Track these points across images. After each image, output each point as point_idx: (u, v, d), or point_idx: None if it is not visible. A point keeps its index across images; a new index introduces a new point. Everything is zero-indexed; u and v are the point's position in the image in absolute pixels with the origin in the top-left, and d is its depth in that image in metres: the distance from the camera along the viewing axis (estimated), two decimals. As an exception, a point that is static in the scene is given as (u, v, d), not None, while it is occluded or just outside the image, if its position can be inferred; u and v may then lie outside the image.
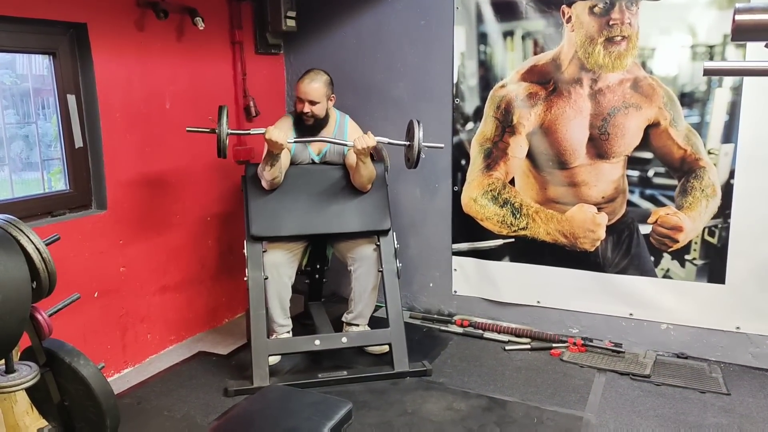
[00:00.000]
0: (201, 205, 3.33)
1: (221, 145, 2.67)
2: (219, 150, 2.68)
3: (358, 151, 2.82)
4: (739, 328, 2.95)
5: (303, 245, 3.07)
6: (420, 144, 2.79)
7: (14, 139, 2.70)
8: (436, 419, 2.53)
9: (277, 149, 2.75)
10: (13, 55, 2.63)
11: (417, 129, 2.79)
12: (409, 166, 2.94)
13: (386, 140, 2.90)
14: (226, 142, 2.66)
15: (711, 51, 2.81)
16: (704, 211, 2.92)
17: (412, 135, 2.84)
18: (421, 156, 2.82)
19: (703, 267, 2.97)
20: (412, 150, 2.85)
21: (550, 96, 3.11)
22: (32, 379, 1.83)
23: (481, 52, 3.26)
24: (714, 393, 2.72)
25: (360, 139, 2.81)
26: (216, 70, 3.36)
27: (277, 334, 2.97)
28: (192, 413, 2.59)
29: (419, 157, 2.82)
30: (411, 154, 2.87)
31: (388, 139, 2.91)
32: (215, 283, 3.49)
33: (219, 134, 2.66)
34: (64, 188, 2.77)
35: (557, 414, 2.56)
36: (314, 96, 2.91)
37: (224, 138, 2.66)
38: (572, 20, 2.99)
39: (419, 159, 2.83)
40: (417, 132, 2.79)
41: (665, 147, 2.95)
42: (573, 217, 3.17)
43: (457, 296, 3.56)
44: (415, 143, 2.80)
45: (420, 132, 2.79)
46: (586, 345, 3.16)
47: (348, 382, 2.81)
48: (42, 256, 1.79)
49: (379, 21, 3.50)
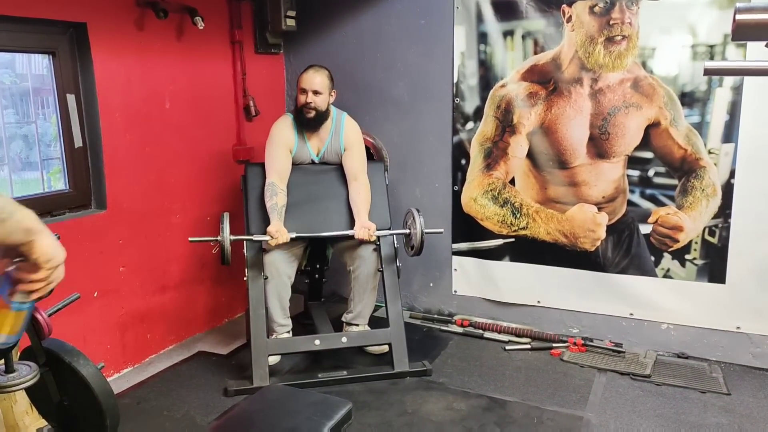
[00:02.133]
0: (201, 204, 3.33)
1: (225, 254, 2.67)
2: (222, 258, 2.68)
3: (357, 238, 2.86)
4: (739, 328, 2.94)
5: (303, 245, 3.07)
6: (422, 232, 2.84)
7: (14, 139, 2.70)
8: (436, 419, 2.53)
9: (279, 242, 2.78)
10: (12, 55, 2.62)
11: (418, 217, 2.85)
12: (411, 255, 2.97)
13: (387, 233, 2.96)
14: (229, 250, 2.67)
15: (711, 50, 2.81)
16: (704, 211, 2.92)
17: (413, 224, 2.88)
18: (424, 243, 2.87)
19: (704, 267, 2.96)
20: (413, 239, 2.90)
21: (551, 95, 3.10)
22: (32, 378, 1.83)
23: (481, 51, 3.26)
24: (714, 393, 2.72)
25: (361, 231, 2.85)
26: (216, 69, 3.36)
27: (277, 334, 2.97)
28: (192, 413, 2.59)
29: (423, 245, 2.86)
30: (413, 243, 2.91)
31: (389, 231, 2.97)
32: (215, 283, 3.49)
33: (222, 243, 2.66)
34: (64, 188, 2.77)
35: (557, 414, 2.56)
36: (319, 86, 2.92)
37: (227, 246, 2.66)
38: (572, 20, 2.99)
39: (423, 246, 2.87)
40: (418, 220, 2.84)
41: (666, 147, 2.95)
42: (573, 217, 3.17)
43: (457, 296, 3.55)
44: (417, 231, 2.84)
45: (421, 219, 2.84)
46: (587, 345, 3.15)
47: (348, 382, 2.81)
48: (42, 256, 1.78)
49: (379, 21, 3.49)
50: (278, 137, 2.97)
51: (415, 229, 2.85)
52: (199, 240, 2.82)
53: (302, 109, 2.95)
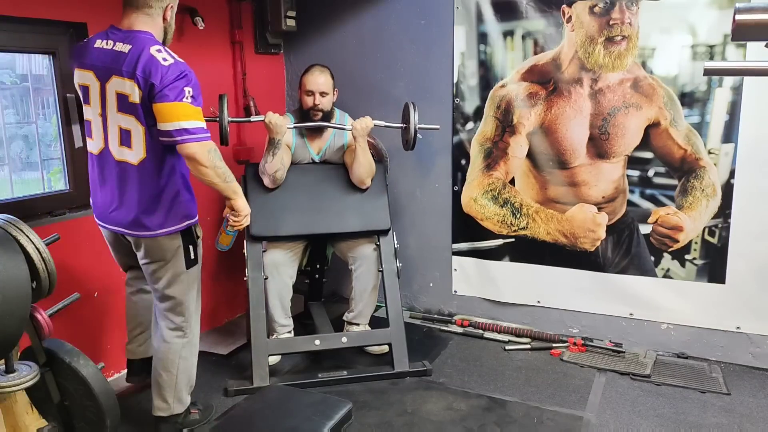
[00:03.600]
0: (201, 204, 3.31)
1: (223, 133, 2.66)
2: (221, 138, 2.67)
3: (357, 132, 2.88)
4: (739, 328, 2.95)
5: (303, 245, 3.07)
6: (416, 125, 2.86)
7: (14, 139, 2.70)
8: (436, 419, 2.53)
9: (278, 133, 2.77)
10: (12, 55, 2.62)
11: (412, 111, 2.86)
12: (406, 148, 3.01)
13: (383, 123, 2.97)
14: (227, 130, 2.67)
15: (711, 51, 2.81)
16: (704, 211, 2.92)
17: (408, 118, 2.90)
18: (417, 137, 2.91)
19: (704, 267, 2.97)
20: (408, 132, 2.92)
21: (551, 96, 3.11)
22: (32, 379, 1.84)
23: (481, 51, 3.26)
24: (714, 393, 2.72)
25: (359, 120, 2.88)
26: (216, 69, 3.36)
27: (278, 334, 2.97)
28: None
29: (416, 139, 2.90)
30: (408, 136, 2.93)
31: (385, 123, 2.98)
32: (215, 283, 3.49)
33: (220, 122, 2.66)
34: (64, 188, 2.77)
35: (557, 414, 2.56)
36: (325, 87, 2.93)
37: (225, 125, 2.66)
38: (572, 20, 2.99)
39: (416, 141, 2.91)
40: (412, 115, 2.86)
41: (665, 147, 2.95)
42: (573, 217, 3.17)
43: (457, 296, 3.56)
44: (411, 125, 2.87)
45: (415, 115, 2.86)
46: (587, 345, 3.16)
47: (348, 382, 2.81)
48: (42, 256, 1.79)
49: (379, 21, 3.49)
50: None
51: (409, 124, 2.89)
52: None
53: (309, 112, 2.95)
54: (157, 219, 2.19)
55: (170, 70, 2.05)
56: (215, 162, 2.13)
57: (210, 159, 2.11)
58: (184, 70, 2.08)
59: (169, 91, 2.03)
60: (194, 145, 2.07)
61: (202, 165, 2.11)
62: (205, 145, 2.10)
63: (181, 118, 2.05)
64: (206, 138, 2.11)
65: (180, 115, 2.05)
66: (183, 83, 2.06)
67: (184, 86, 2.06)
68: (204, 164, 2.10)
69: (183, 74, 2.07)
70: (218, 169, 2.14)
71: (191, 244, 2.32)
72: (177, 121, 2.05)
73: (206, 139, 2.11)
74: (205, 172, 2.13)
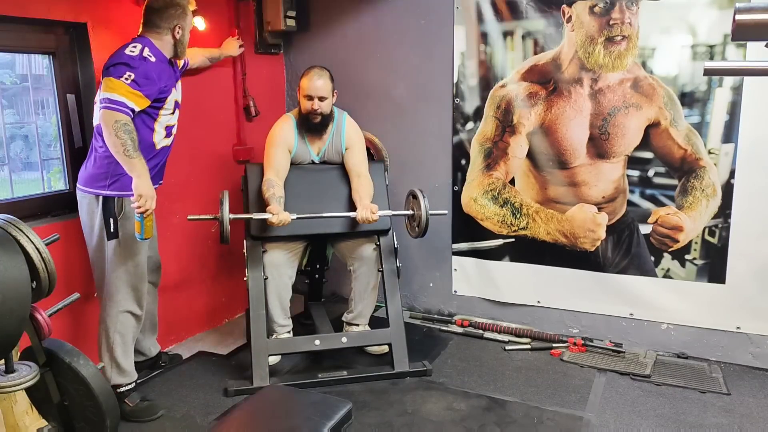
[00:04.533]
0: (201, 205, 3.33)
1: (224, 233, 2.61)
2: (221, 237, 2.63)
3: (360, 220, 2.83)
4: (739, 328, 2.94)
5: (303, 245, 3.07)
6: (427, 213, 2.82)
7: (14, 139, 2.70)
8: (436, 419, 2.53)
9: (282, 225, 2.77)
10: (12, 55, 2.63)
11: (422, 199, 2.82)
12: (415, 236, 2.97)
13: (390, 213, 2.95)
14: (228, 228, 2.62)
15: (711, 51, 2.81)
16: (704, 211, 2.92)
17: (418, 205, 2.86)
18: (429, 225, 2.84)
19: (704, 267, 2.97)
20: (417, 219, 2.89)
21: (551, 96, 3.11)
22: (32, 379, 1.84)
23: (481, 51, 3.26)
24: (714, 393, 2.72)
25: (364, 211, 2.82)
26: (216, 69, 3.35)
27: (278, 334, 2.97)
28: (192, 413, 2.59)
29: (428, 226, 2.84)
30: (417, 224, 2.89)
31: (392, 212, 2.96)
32: (215, 283, 3.49)
33: (221, 221, 2.60)
34: (64, 188, 2.77)
35: (557, 414, 2.56)
36: (324, 91, 2.92)
37: (227, 224, 2.60)
38: (572, 20, 2.99)
39: (428, 228, 2.84)
40: (423, 202, 2.82)
41: (665, 147, 2.95)
42: (573, 217, 3.17)
43: (457, 296, 3.55)
44: (422, 213, 2.82)
45: (426, 201, 2.82)
46: (587, 345, 3.16)
47: (348, 382, 2.81)
48: (42, 256, 1.79)
49: (379, 21, 3.49)
50: (278, 137, 2.97)
51: (420, 210, 2.84)
52: (199, 218, 2.72)
53: (309, 115, 2.94)
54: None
55: (124, 55, 2.35)
56: (118, 132, 2.27)
57: (114, 127, 2.26)
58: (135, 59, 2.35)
59: (114, 69, 2.32)
60: (105, 111, 2.28)
61: (107, 131, 2.28)
62: (115, 114, 2.28)
63: (108, 90, 2.29)
64: (120, 110, 2.29)
65: (110, 88, 2.29)
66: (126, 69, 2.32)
67: (127, 70, 2.32)
68: (108, 130, 2.27)
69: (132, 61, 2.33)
70: (120, 140, 2.27)
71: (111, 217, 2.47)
72: (106, 91, 2.30)
73: (119, 111, 2.28)
74: (110, 140, 2.29)
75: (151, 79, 2.38)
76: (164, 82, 2.47)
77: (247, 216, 2.79)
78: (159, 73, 2.44)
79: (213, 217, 2.66)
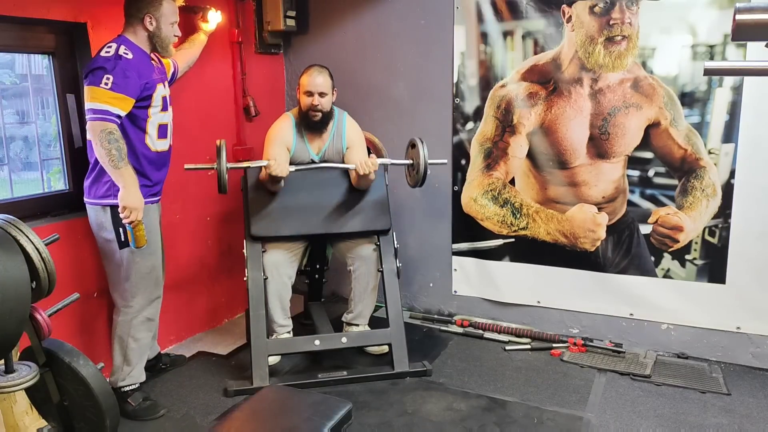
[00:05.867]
0: (200, 204, 3.33)
1: (222, 182, 2.61)
2: (219, 186, 2.62)
3: (360, 175, 2.84)
4: (739, 328, 2.94)
5: (303, 245, 3.07)
6: (426, 162, 2.79)
7: (14, 139, 2.70)
8: (436, 419, 2.53)
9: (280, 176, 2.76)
10: (12, 55, 2.63)
11: (421, 148, 2.80)
12: (413, 185, 2.95)
13: (389, 161, 2.94)
14: (226, 178, 2.61)
15: (711, 51, 2.81)
16: (705, 211, 2.92)
17: (417, 154, 2.84)
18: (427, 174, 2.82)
19: (704, 267, 2.96)
20: (415, 169, 2.87)
21: (551, 96, 3.11)
22: (32, 379, 1.84)
23: (481, 51, 3.26)
24: (714, 393, 2.72)
25: (363, 164, 2.81)
26: (216, 69, 3.36)
27: (278, 334, 2.97)
28: (192, 413, 2.59)
29: (426, 176, 2.82)
30: (415, 173, 2.88)
31: (391, 160, 2.95)
32: (215, 283, 3.49)
33: (219, 171, 2.60)
34: (64, 188, 2.77)
35: (557, 414, 2.56)
36: (324, 87, 2.92)
37: (224, 174, 2.60)
38: (572, 20, 2.99)
39: (426, 177, 2.82)
40: (422, 150, 2.80)
41: (666, 147, 2.95)
42: (573, 217, 3.17)
43: (457, 296, 3.55)
44: (420, 161, 2.80)
45: (425, 150, 2.80)
46: (587, 345, 3.15)
47: (348, 382, 2.81)
48: (42, 256, 1.79)
49: (379, 21, 3.49)
50: (276, 135, 2.97)
51: (419, 159, 2.83)
52: (196, 167, 2.67)
53: (309, 112, 2.94)
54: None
55: (100, 59, 2.33)
56: (104, 143, 2.27)
57: (99, 137, 2.27)
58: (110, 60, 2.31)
59: (92, 75, 2.30)
60: (91, 123, 2.28)
61: (95, 142, 2.29)
62: (100, 125, 2.27)
63: (90, 100, 2.29)
64: (105, 119, 2.28)
65: (91, 97, 2.29)
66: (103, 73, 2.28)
67: (104, 74, 2.28)
68: (96, 142, 2.28)
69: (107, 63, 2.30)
70: (105, 150, 2.27)
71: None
72: (88, 101, 2.30)
73: (105, 120, 2.28)
74: (97, 150, 2.30)
75: (130, 76, 2.33)
76: (146, 78, 2.41)
77: (245, 164, 2.81)
78: (139, 69, 2.38)
79: (211, 167, 2.65)
